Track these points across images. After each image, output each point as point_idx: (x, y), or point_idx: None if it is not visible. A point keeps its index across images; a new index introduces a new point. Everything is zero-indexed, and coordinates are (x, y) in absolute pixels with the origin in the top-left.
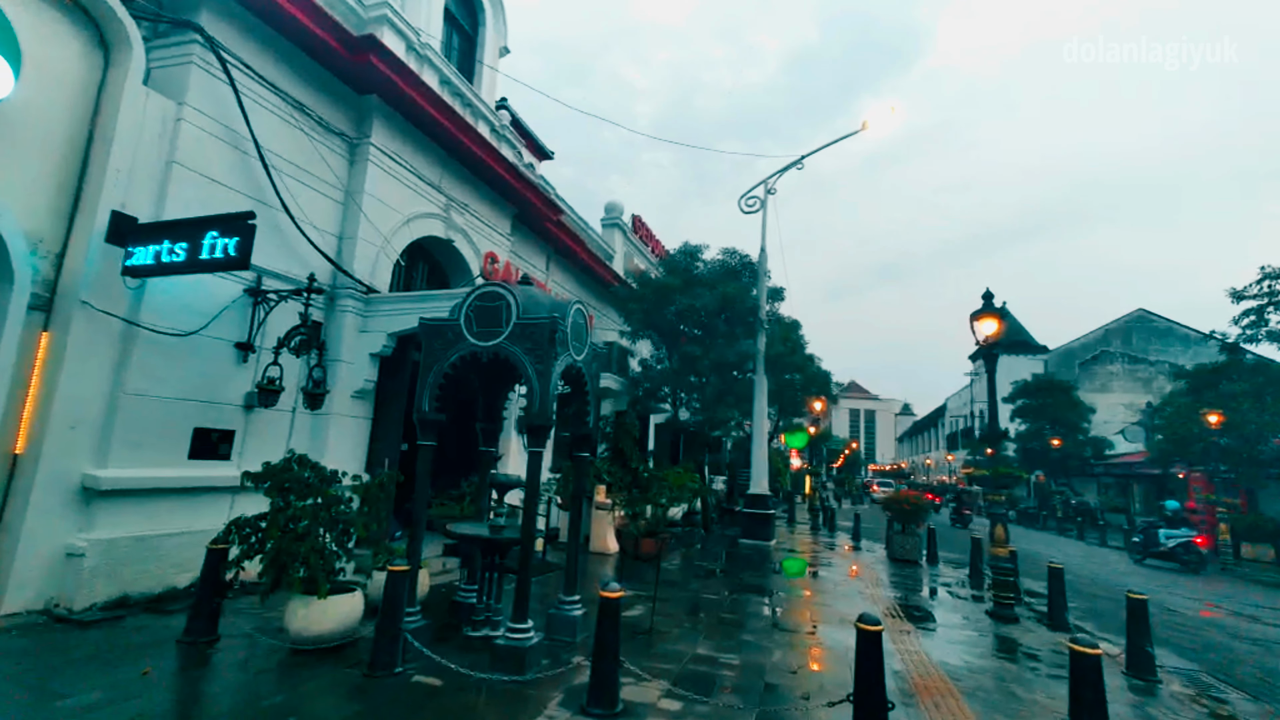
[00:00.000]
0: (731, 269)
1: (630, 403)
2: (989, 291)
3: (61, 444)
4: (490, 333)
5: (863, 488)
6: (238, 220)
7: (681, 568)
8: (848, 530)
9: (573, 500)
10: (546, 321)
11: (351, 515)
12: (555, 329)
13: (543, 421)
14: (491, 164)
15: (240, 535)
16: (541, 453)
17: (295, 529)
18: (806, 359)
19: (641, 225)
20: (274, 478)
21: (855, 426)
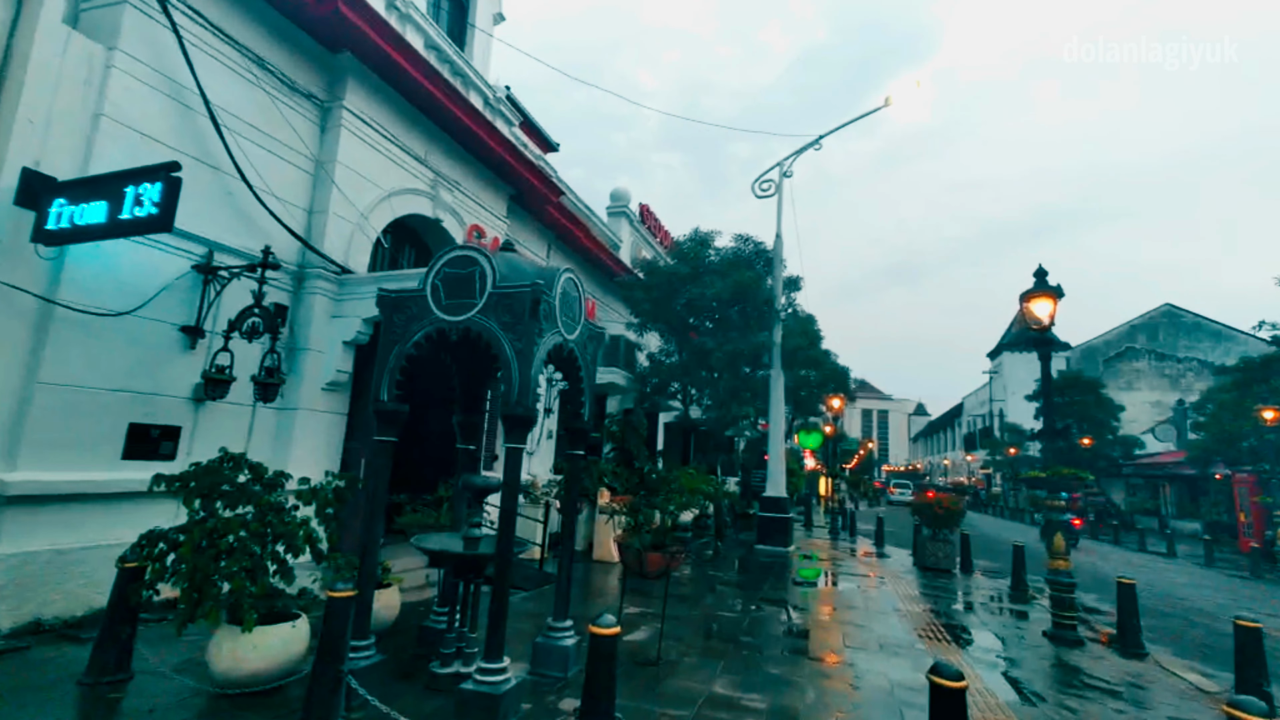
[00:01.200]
0: (745, 258)
1: (637, 399)
2: (1042, 269)
3: None
4: (461, 305)
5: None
6: (158, 172)
7: (694, 579)
8: (869, 535)
9: (565, 506)
10: (528, 290)
11: (293, 527)
12: (538, 299)
13: (523, 411)
14: (485, 138)
15: (151, 552)
16: (521, 450)
17: (218, 545)
18: (823, 354)
19: (649, 215)
20: (197, 481)
21: (868, 427)
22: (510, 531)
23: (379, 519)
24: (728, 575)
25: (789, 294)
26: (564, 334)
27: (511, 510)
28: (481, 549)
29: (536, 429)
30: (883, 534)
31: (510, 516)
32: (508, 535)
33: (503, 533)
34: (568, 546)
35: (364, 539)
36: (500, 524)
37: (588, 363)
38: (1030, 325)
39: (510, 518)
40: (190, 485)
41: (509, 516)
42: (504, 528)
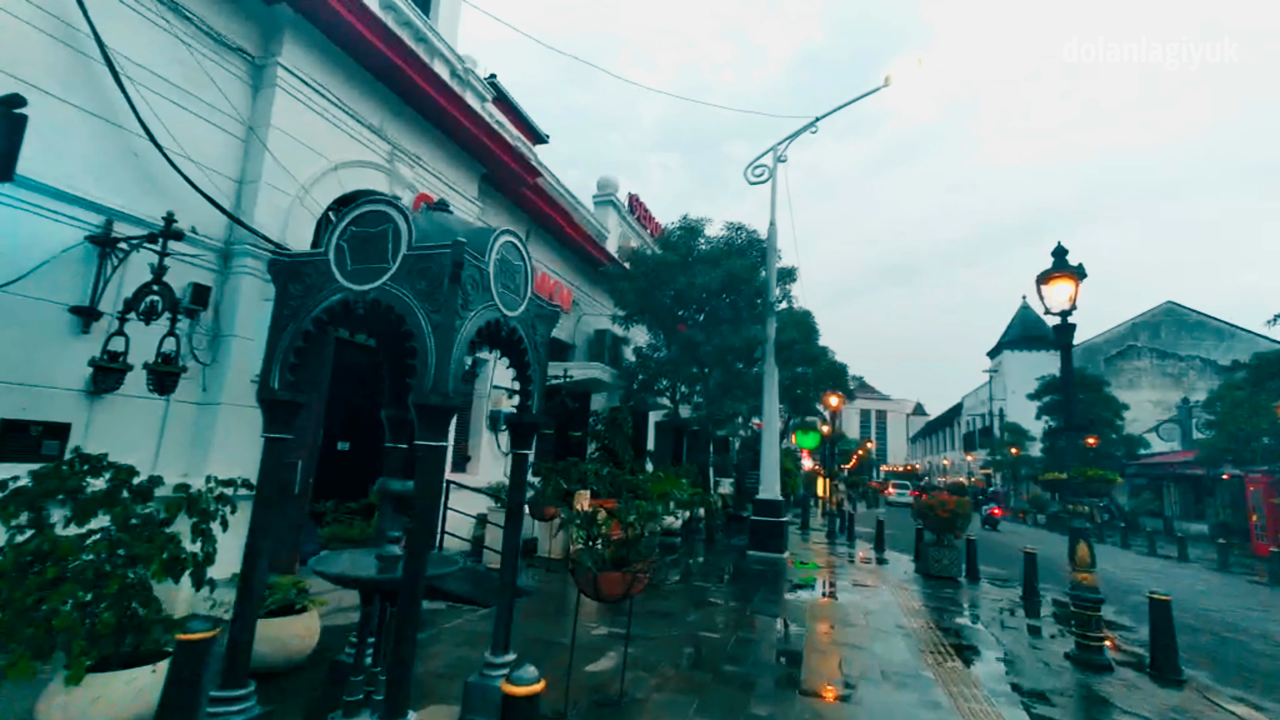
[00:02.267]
0: (737, 247)
1: (624, 397)
2: (1061, 247)
3: None
4: (370, 270)
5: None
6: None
7: (677, 590)
8: (868, 538)
9: (508, 516)
10: (448, 251)
11: (153, 547)
12: (460, 262)
13: (439, 400)
14: (451, 110)
15: None
16: (441, 449)
17: (44, 573)
18: (820, 350)
19: (639, 205)
20: (24, 492)
21: (866, 427)
22: (422, 550)
23: (264, 534)
24: (716, 585)
25: (784, 285)
26: (502, 309)
27: (427, 525)
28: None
29: None
30: (883, 538)
31: (423, 533)
32: (418, 556)
33: (412, 552)
34: (510, 560)
35: (246, 558)
36: (410, 542)
37: (536, 345)
38: (1049, 309)
39: (423, 534)
40: (16, 499)
41: (419, 534)
42: (414, 546)
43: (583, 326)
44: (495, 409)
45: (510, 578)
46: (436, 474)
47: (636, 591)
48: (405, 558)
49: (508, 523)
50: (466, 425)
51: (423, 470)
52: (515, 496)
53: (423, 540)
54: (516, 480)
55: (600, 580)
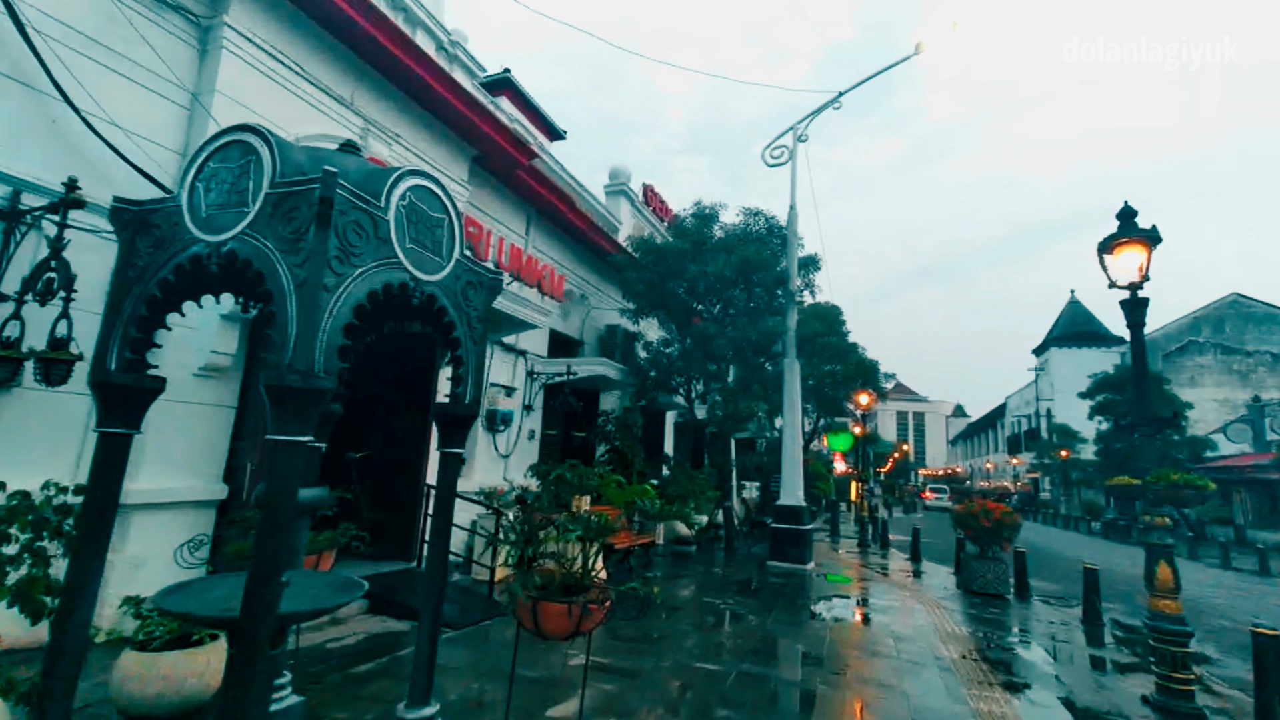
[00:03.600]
0: (755, 234)
1: (635, 395)
2: (1129, 208)
3: None
4: (228, 216)
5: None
6: None
7: (684, 606)
8: (903, 547)
9: (433, 527)
10: (315, 185)
11: None
12: (329, 198)
13: (298, 382)
14: (436, 86)
15: None
16: (298, 446)
17: None
18: (849, 346)
19: (654, 196)
20: None
21: (904, 429)
22: (267, 577)
23: (93, 557)
24: (726, 601)
25: (806, 275)
26: (413, 269)
27: (275, 545)
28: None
29: (513, 428)
30: (919, 547)
31: (273, 548)
32: (262, 585)
33: (256, 580)
34: (434, 588)
35: (68, 580)
36: (256, 562)
37: (470, 320)
38: (1115, 282)
39: (274, 556)
40: None
41: (267, 556)
42: (259, 572)
43: (592, 322)
44: (492, 407)
45: (433, 605)
46: (291, 478)
47: (588, 629)
48: (248, 588)
49: (433, 537)
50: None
51: (276, 475)
52: (441, 497)
53: (271, 565)
54: (445, 483)
55: (540, 612)
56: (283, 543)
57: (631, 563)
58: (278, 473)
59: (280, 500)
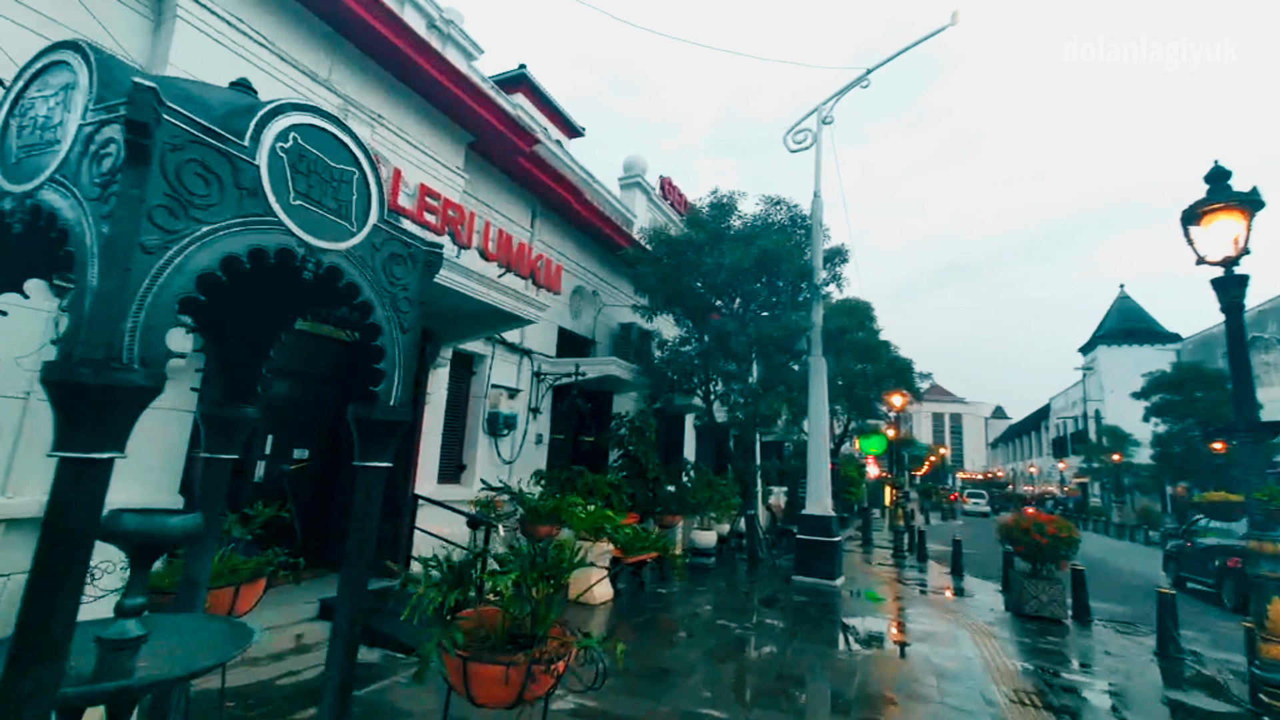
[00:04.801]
0: (776, 224)
1: (650, 397)
2: (1221, 169)
3: None
4: (40, 159)
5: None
6: None
7: (695, 629)
8: (943, 559)
9: (346, 556)
10: (143, 97)
11: None
12: (143, 121)
13: (90, 376)
14: (424, 65)
15: None
16: (94, 466)
17: None
18: (881, 344)
19: (673, 189)
20: None
21: (940, 432)
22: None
23: None
24: (745, 624)
25: (833, 268)
26: (301, 233)
27: (47, 609)
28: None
29: (518, 432)
30: (961, 560)
31: (40, 622)
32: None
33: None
34: (347, 617)
35: None
36: (17, 632)
37: (394, 302)
38: (1204, 257)
39: (39, 623)
40: None
41: (34, 625)
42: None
43: (605, 320)
44: (494, 410)
45: (340, 662)
46: (93, 497)
47: (533, 697)
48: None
49: (345, 570)
50: (461, 430)
51: (59, 487)
52: (360, 529)
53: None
54: (362, 509)
55: (471, 676)
56: (64, 605)
57: (645, 577)
58: (59, 506)
59: (59, 545)
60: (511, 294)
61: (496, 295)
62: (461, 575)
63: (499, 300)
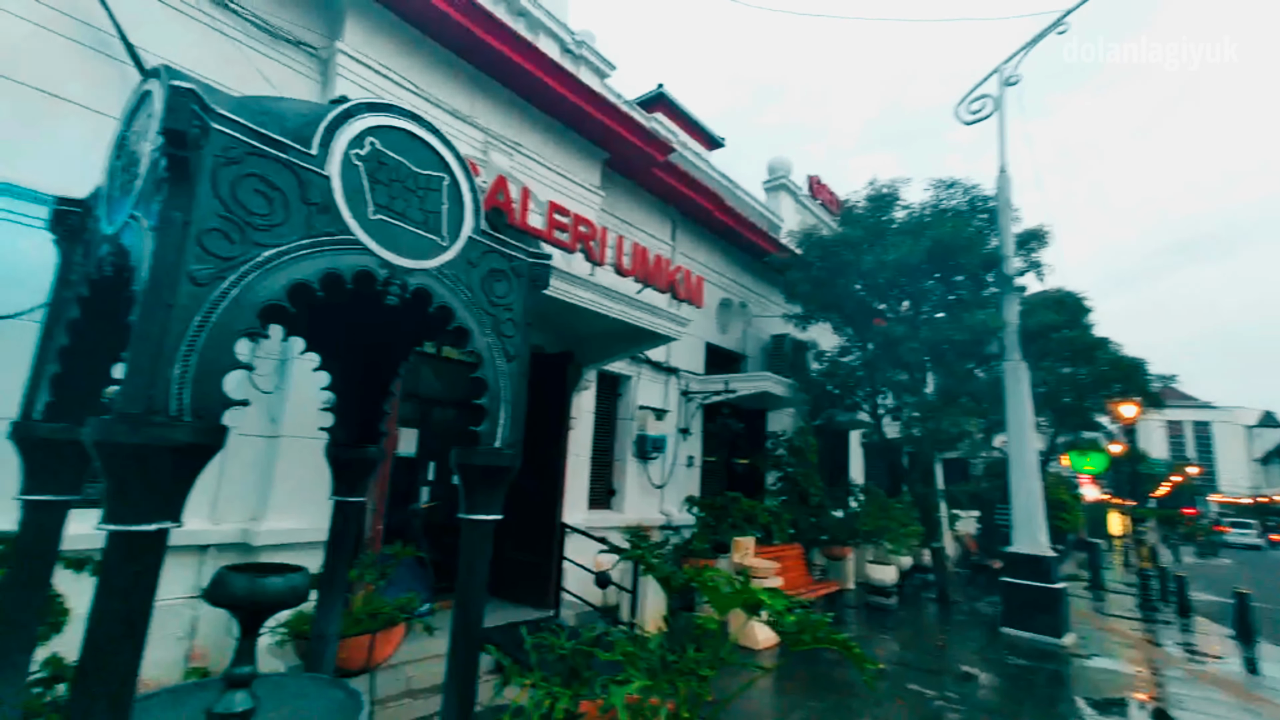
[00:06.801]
0: (951, 211)
1: (810, 414)
2: None
3: None
4: (128, 196)
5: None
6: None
7: (885, 692)
8: (1214, 613)
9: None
10: (179, 101)
11: None
12: (180, 130)
13: (126, 435)
14: (559, 88)
15: None
16: (136, 539)
17: None
18: (1096, 341)
19: (822, 188)
20: None
21: (1179, 444)
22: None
23: None
24: (943, 691)
25: (1027, 254)
26: (382, 251)
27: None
28: None
29: (667, 454)
30: (1250, 617)
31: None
32: None
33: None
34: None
35: None
36: (76, 680)
37: (496, 326)
38: None
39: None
40: None
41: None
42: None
43: (754, 332)
44: (641, 432)
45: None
46: (138, 590)
47: None
48: None
49: (453, 633)
50: (610, 452)
51: (109, 587)
52: (466, 586)
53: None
54: (468, 566)
55: None
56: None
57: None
58: (108, 588)
59: (114, 627)
60: (649, 309)
61: (633, 312)
62: (575, 671)
63: (636, 317)
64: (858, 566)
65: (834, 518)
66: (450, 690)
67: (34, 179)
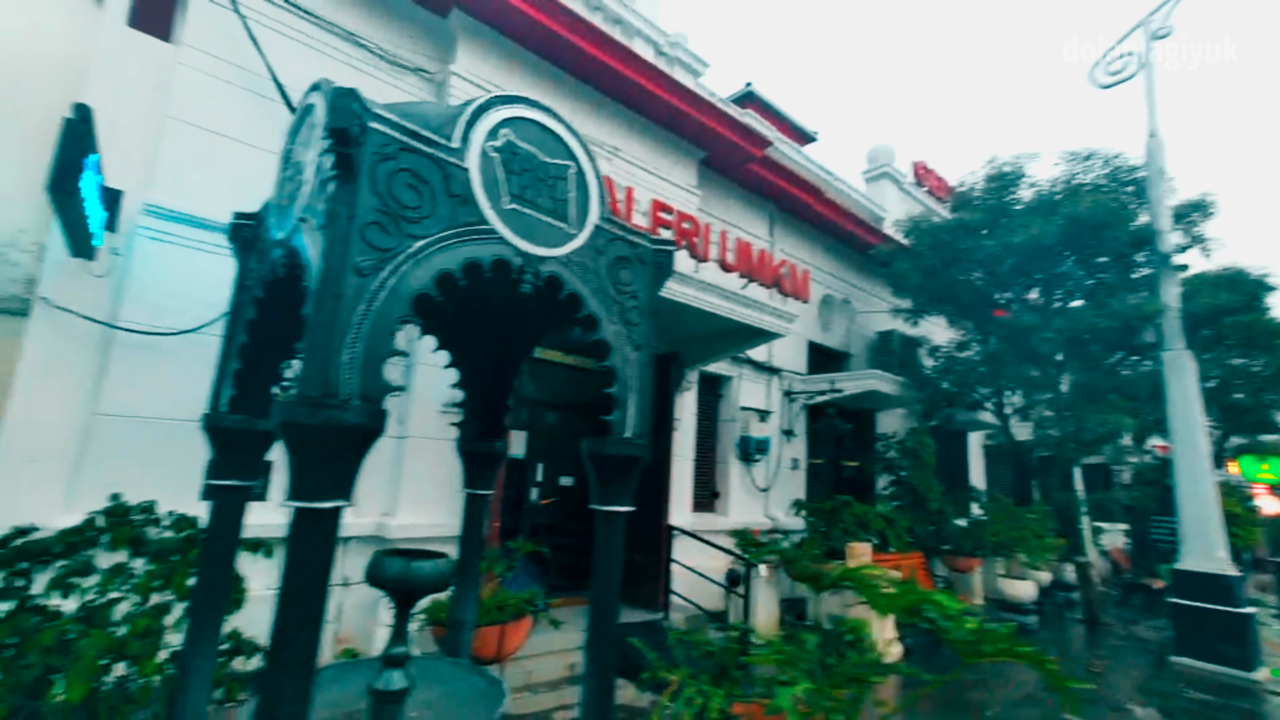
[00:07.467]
0: (1089, 185)
1: (923, 413)
2: None
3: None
4: (295, 203)
5: None
6: None
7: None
8: None
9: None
10: (343, 102)
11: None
12: (345, 129)
13: (306, 416)
14: (654, 89)
15: None
16: (321, 515)
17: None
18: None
19: (929, 173)
20: None
21: None
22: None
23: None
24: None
25: (1187, 228)
26: (517, 240)
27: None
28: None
29: (771, 456)
30: None
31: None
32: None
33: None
34: (593, 664)
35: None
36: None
37: (623, 314)
38: None
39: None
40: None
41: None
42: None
43: (858, 329)
44: (744, 434)
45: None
46: (310, 569)
47: None
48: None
49: (590, 625)
50: (712, 454)
51: (294, 562)
52: (602, 580)
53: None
54: (603, 559)
55: None
56: (300, 657)
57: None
58: (294, 562)
59: (299, 598)
60: (754, 306)
61: (740, 309)
62: (724, 669)
63: (743, 315)
64: (987, 580)
65: (956, 526)
66: (590, 684)
67: (203, 208)
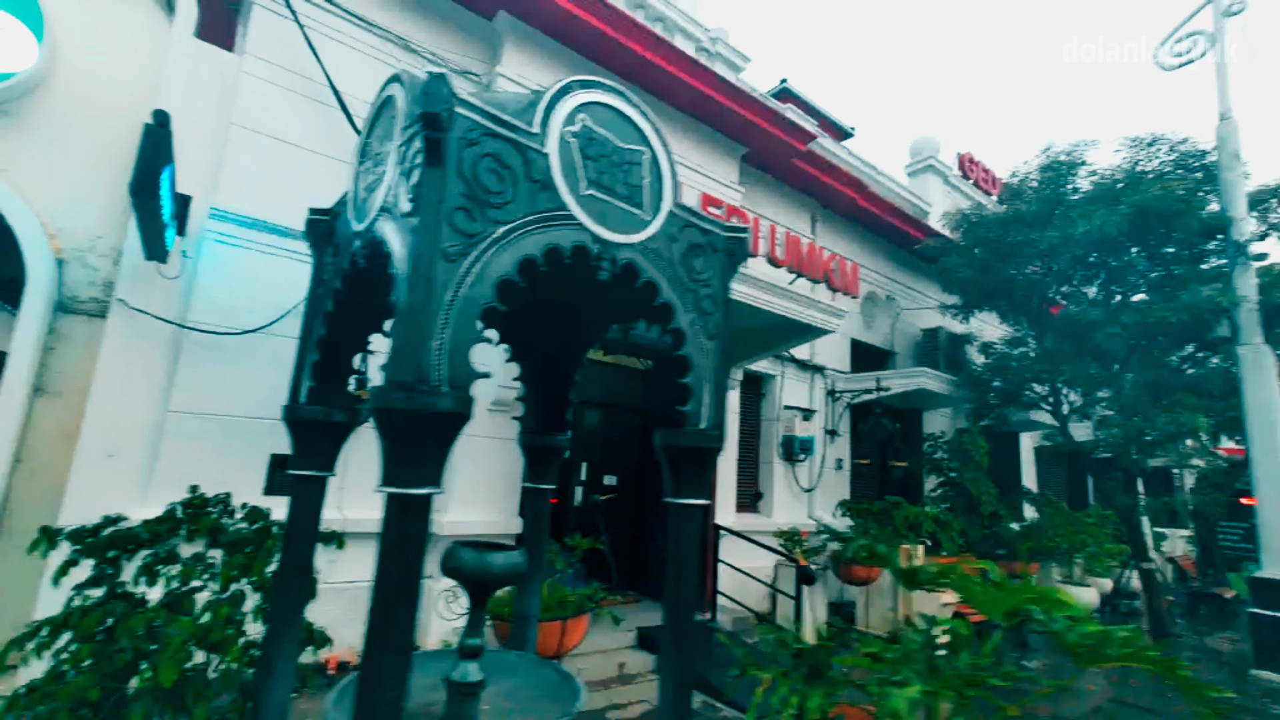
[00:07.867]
0: (1154, 174)
1: (973, 412)
2: None
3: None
4: (374, 195)
5: None
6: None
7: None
8: None
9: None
10: (435, 86)
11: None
12: (434, 114)
13: (403, 401)
14: (695, 84)
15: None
16: (413, 501)
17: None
18: None
19: (975, 166)
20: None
21: None
22: (379, 684)
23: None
24: None
25: (1264, 211)
26: (595, 226)
27: (387, 645)
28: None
29: (815, 457)
30: None
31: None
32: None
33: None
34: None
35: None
36: (364, 668)
37: (697, 302)
38: None
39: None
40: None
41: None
42: (367, 681)
43: (903, 327)
44: (788, 434)
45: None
46: (406, 554)
47: None
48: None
49: (666, 624)
50: (755, 454)
51: (389, 547)
52: (677, 574)
53: (387, 669)
54: (677, 552)
55: None
56: (397, 643)
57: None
58: (389, 545)
59: (394, 584)
60: (804, 301)
61: (788, 304)
62: (817, 670)
63: (791, 310)
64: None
65: (1010, 529)
66: (667, 683)
67: (266, 211)
